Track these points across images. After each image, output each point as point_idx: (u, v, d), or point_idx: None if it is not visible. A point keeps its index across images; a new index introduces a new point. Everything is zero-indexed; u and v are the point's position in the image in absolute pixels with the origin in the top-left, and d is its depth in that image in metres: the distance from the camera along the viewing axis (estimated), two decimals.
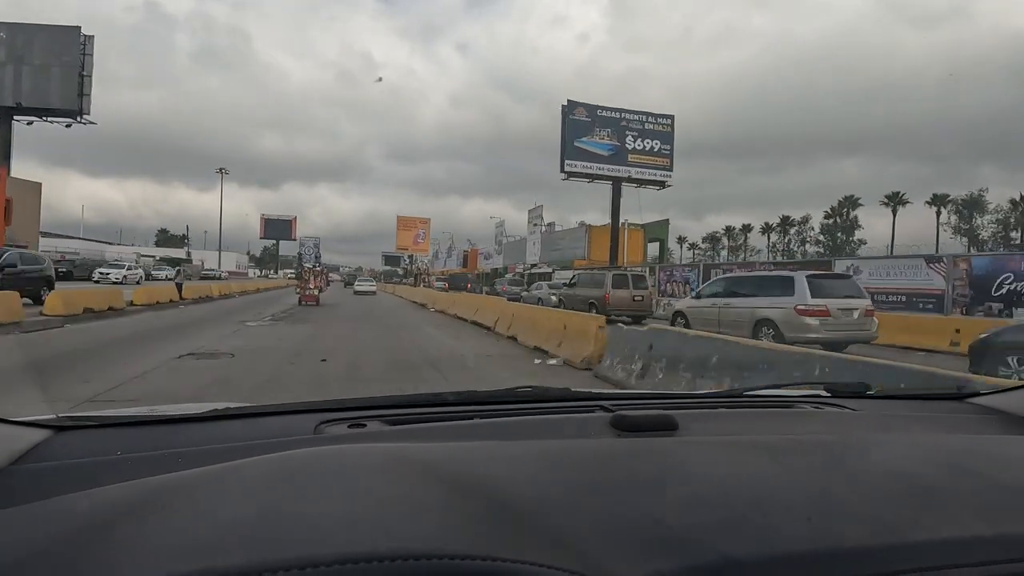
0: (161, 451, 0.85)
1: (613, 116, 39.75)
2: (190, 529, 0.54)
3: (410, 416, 1.09)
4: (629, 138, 39.72)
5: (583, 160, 38.87)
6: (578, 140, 38.99)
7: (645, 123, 40.22)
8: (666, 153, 40.31)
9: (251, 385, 6.34)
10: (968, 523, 0.60)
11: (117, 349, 9.00)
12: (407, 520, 0.55)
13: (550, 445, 0.85)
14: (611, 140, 39.50)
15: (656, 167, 40.01)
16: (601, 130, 39.43)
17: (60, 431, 0.90)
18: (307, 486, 0.63)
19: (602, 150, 39.27)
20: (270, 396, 5.52)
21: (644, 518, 0.59)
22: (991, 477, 0.73)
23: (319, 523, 0.53)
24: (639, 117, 40.17)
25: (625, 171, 39.35)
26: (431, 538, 0.52)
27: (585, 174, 39.27)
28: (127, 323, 13.16)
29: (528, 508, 0.59)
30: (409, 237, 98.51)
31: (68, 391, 5.44)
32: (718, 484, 0.70)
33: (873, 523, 0.59)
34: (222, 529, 0.54)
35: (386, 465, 0.70)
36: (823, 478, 0.74)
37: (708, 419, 1.15)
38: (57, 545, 0.52)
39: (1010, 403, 1.23)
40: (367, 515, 0.56)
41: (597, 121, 39.37)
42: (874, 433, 1.10)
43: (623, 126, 39.69)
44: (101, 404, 5.00)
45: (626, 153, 39.46)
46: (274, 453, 0.74)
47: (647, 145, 39.95)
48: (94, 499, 0.62)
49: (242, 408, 1.09)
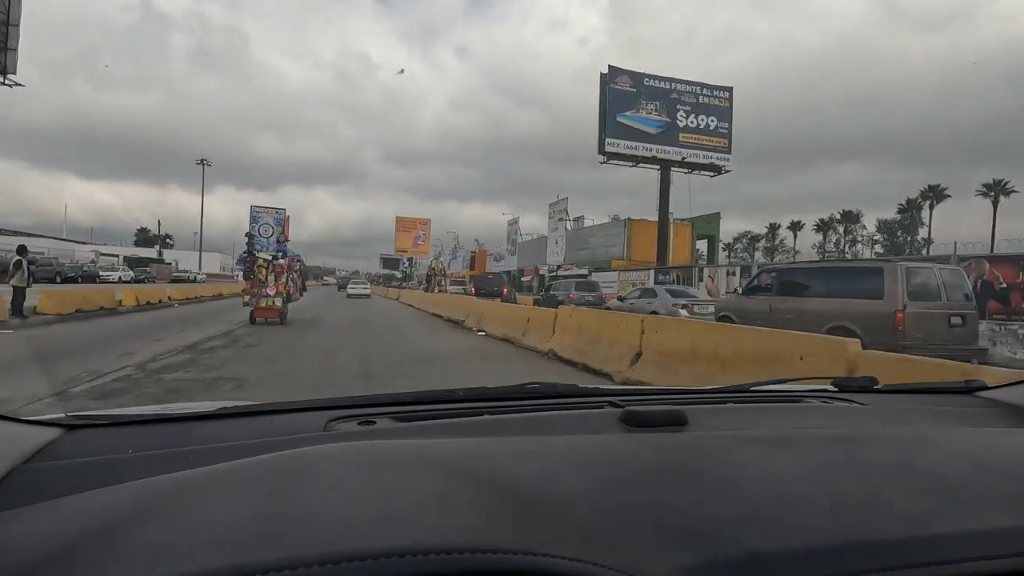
0: (172, 449, 0.85)
1: (662, 87, 33.08)
2: (209, 526, 0.54)
3: (420, 413, 1.08)
4: (681, 113, 33.05)
5: (627, 138, 32.15)
6: (621, 114, 32.28)
7: (700, 95, 33.57)
8: (724, 132, 33.67)
9: None
10: (990, 515, 0.60)
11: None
12: (434, 515, 0.55)
13: (563, 441, 0.85)
14: (660, 115, 32.83)
15: (712, 148, 33.35)
16: (648, 103, 32.74)
17: (70, 430, 0.91)
18: (326, 482, 0.63)
19: (650, 127, 32.57)
20: None
21: (666, 513, 0.59)
22: (1008, 470, 0.73)
23: (348, 518, 0.54)
24: (692, 89, 33.52)
25: (677, 153, 32.67)
26: (464, 532, 0.52)
27: (628, 156, 32.56)
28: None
29: (550, 503, 0.59)
30: (408, 239, 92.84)
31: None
32: (735, 478, 0.70)
33: (895, 515, 0.59)
34: (243, 526, 0.54)
35: (403, 461, 0.70)
36: (840, 471, 0.73)
37: (717, 414, 1.14)
38: (74, 544, 0.52)
39: (1017, 396, 1.23)
40: (395, 510, 0.56)
41: (643, 92, 32.68)
42: (885, 426, 1.09)
43: (674, 99, 33.04)
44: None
45: (677, 131, 32.81)
46: (287, 450, 0.74)
47: (702, 122, 33.30)
48: (110, 497, 0.62)
49: (252, 406, 1.08)
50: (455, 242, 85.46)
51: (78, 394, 5.50)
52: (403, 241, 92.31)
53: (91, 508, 0.60)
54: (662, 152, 32.29)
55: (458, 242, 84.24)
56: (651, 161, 32.59)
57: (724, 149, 33.45)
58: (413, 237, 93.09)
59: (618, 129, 31.98)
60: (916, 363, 4.16)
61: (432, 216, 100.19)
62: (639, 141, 32.19)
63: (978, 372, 3.47)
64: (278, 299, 13.81)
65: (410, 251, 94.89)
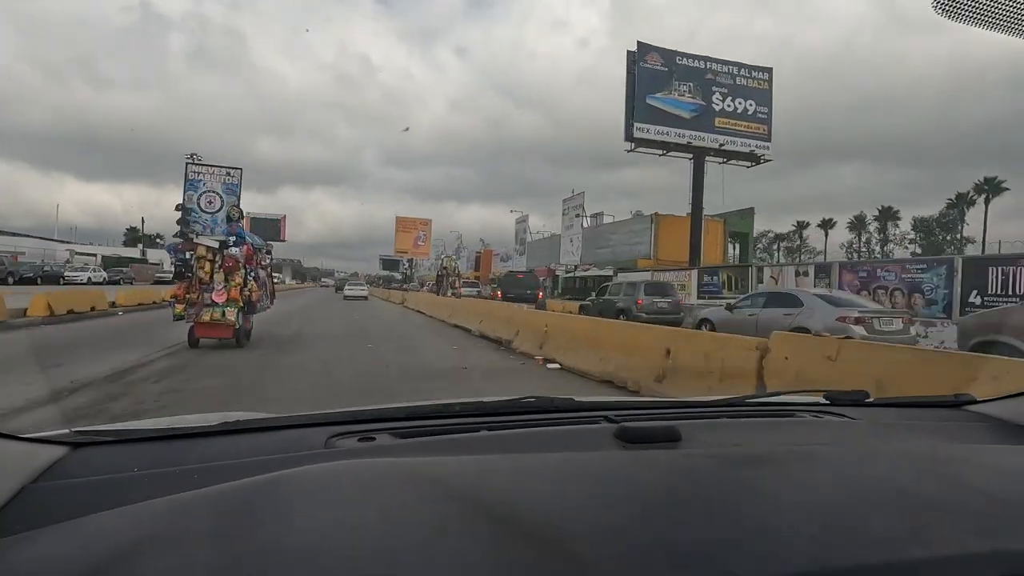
0: (176, 467, 0.86)
1: (697, 66, 29.78)
2: (216, 556, 0.55)
3: (419, 429, 1.11)
4: (716, 96, 29.74)
5: (657, 123, 28.82)
6: (651, 96, 28.95)
7: (736, 76, 30.27)
8: (763, 117, 30.38)
9: None
10: (966, 540, 0.61)
11: None
12: (435, 548, 0.56)
13: (558, 458, 0.87)
14: (694, 98, 29.52)
15: (750, 135, 30.03)
16: (681, 84, 29.43)
17: (76, 448, 0.92)
18: (328, 508, 0.65)
19: (683, 110, 29.25)
20: None
21: (656, 536, 0.60)
22: (989, 490, 0.74)
23: (349, 553, 0.55)
24: (729, 69, 30.23)
25: (712, 139, 29.37)
26: (465, 568, 0.53)
27: (659, 142, 29.21)
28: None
29: (542, 527, 0.60)
30: (409, 239, 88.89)
31: None
32: (724, 500, 0.72)
33: (875, 540, 0.61)
34: (250, 557, 0.54)
35: (403, 483, 0.72)
36: (826, 493, 0.75)
37: (711, 429, 1.17)
38: (87, 569, 0.53)
39: (1006, 411, 1.25)
40: (395, 543, 0.57)
41: (676, 72, 29.36)
42: (873, 443, 1.12)
43: (709, 80, 29.74)
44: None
45: (712, 115, 29.51)
46: (288, 469, 0.75)
47: (739, 106, 30.01)
48: (119, 520, 0.63)
49: (254, 421, 1.09)
50: (458, 242, 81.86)
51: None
52: (403, 242, 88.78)
53: (101, 531, 0.61)
54: (696, 139, 28.97)
55: (461, 242, 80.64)
56: (684, 149, 29.28)
57: (763, 136, 30.15)
58: (413, 238, 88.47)
59: (648, 113, 28.65)
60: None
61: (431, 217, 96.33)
62: (671, 126, 28.86)
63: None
64: (230, 309, 8.66)
65: (410, 252, 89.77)
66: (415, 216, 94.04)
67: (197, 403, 5.14)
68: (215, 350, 8.57)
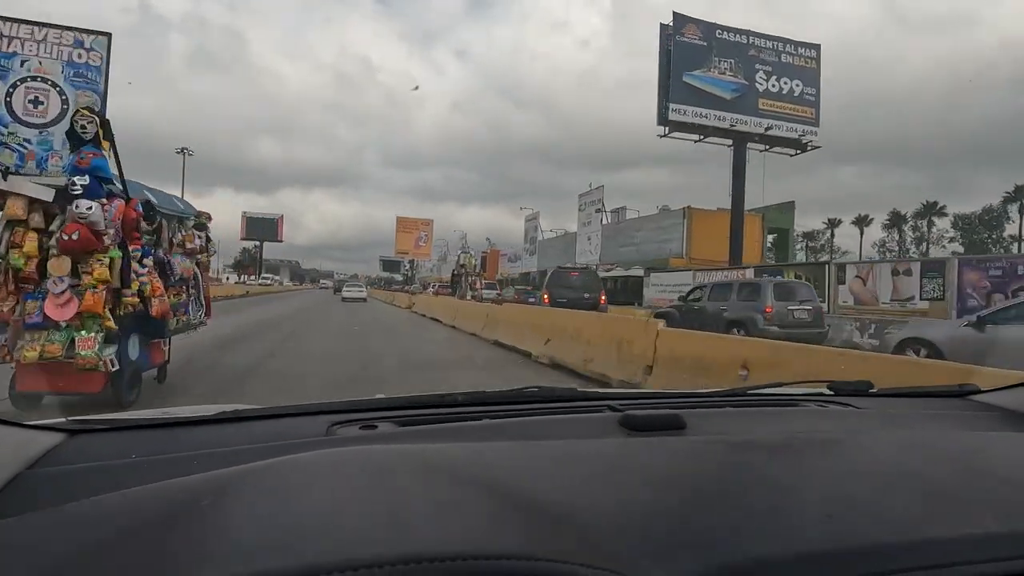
0: (175, 454, 0.85)
1: (739, 41, 26.66)
2: (221, 534, 0.54)
3: (421, 417, 1.09)
4: (760, 74, 26.61)
5: (695, 104, 25.69)
6: (688, 74, 25.81)
7: (782, 53, 27.14)
8: (810, 99, 27.25)
9: None
10: (982, 520, 0.61)
11: None
12: (441, 522, 0.56)
13: (563, 445, 0.86)
14: (736, 76, 26.37)
15: (797, 119, 26.88)
16: (722, 60, 26.27)
17: (73, 435, 0.90)
18: (333, 488, 0.64)
19: (723, 90, 26.12)
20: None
21: (665, 518, 0.60)
22: (1000, 474, 0.74)
23: (358, 525, 0.55)
24: (774, 45, 27.12)
25: (756, 123, 26.23)
26: (472, 539, 0.52)
27: (696, 126, 26.05)
28: None
29: (552, 509, 0.59)
30: (410, 240, 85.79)
31: None
32: (733, 483, 0.71)
33: (888, 520, 0.60)
34: (256, 533, 0.54)
35: (406, 466, 0.71)
36: (835, 476, 0.74)
37: (715, 418, 1.17)
38: (83, 551, 0.52)
39: (1010, 400, 1.26)
40: (402, 517, 0.56)
41: (716, 47, 26.24)
42: (881, 430, 1.11)
43: (752, 57, 26.62)
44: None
45: (756, 96, 26.39)
46: (292, 455, 0.74)
47: (784, 86, 26.88)
48: (116, 504, 0.63)
49: (253, 410, 1.08)
50: (463, 241, 78.74)
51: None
52: (404, 242, 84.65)
53: (97, 515, 0.60)
54: (738, 122, 25.84)
55: (466, 242, 77.55)
56: (723, 133, 26.13)
57: (811, 120, 27.03)
58: (414, 238, 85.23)
59: (685, 92, 25.52)
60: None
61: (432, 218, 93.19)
62: (710, 108, 25.73)
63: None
64: (85, 336, 4.00)
65: (411, 253, 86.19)
66: (416, 216, 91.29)
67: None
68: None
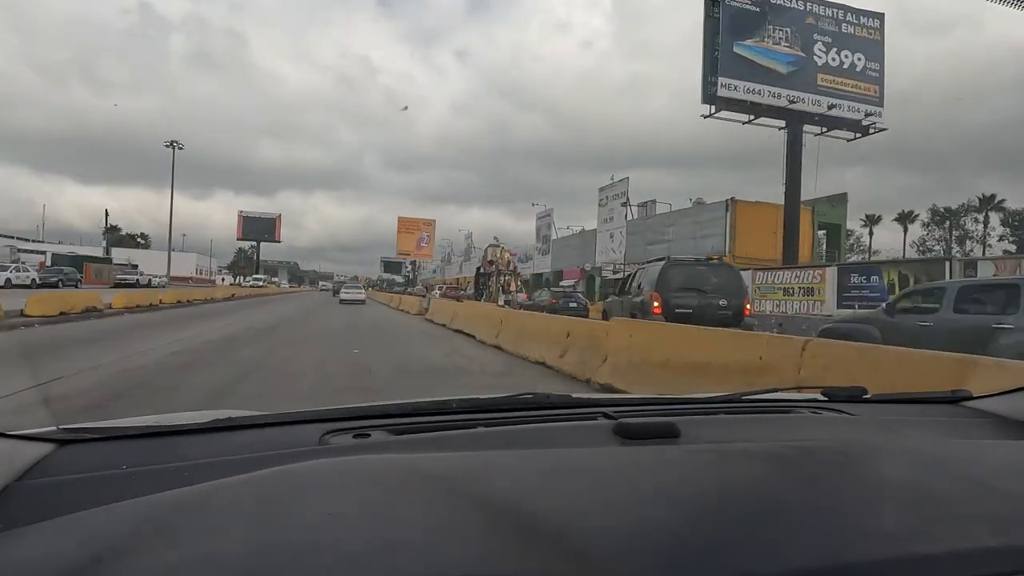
0: (166, 464, 0.84)
1: (795, 7, 23.27)
2: (207, 553, 0.54)
3: (415, 425, 1.08)
4: (819, 46, 23.31)
5: (746, 78, 22.34)
6: (740, 43, 22.44)
7: (842, 23, 23.81)
8: (874, 75, 23.92)
9: None
10: (976, 533, 0.60)
11: None
12: (433, 543, 0.55)
13: (557, 454, 0.86)
14: (792, 48, 23.03)
15: (859, 97, 23.53)
16: (777, 29, 22.92)
17: (63, 445, 0.89)
18: (323, 504, 0.63)
19: (779, 63, 22.80)
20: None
21: (660, 532, 0.59)
22: (993, 485, 0.74)
23: (346, 549, 0.54)
24: (833, 13, 23.82)
25: (814, 101, 22.90)
26: (465, 563, 0.52)
27: (747, 104, 22.71)
28: None
29: (545, 522, 0.59)
30: (411, 240, 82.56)
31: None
32: (728, 495, 0.71)
33: (881, 534, 0.60)
34: (243, 554, 0.53)
35: (399, 479, 0.70)
36: (830, 488, 0.74)
37: (709, 425, 1.15)
38: (74, 566, 0.52)
39: (1003, 406, 1.25)
40: (393, 539, 0.56)
41: (770, 13, 22.88)
42: (875, 438, 1.11)
43: (809, 25, 23.32)
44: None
45: (814, 70, 23.08)
46: (281, 466, 0.74)
47: (845, 59, 23.57)
48: (106, 518, 0.62)
49: (246, 418, 1.06)
50: (468, 241, 75.03)
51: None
52: (405, 243, 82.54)
53: (87, 529, 0.59)
54: (796, 99, 22.50)
55: (471, 241, 73.73)
56: (779, 113, 22.79)
57: (874, 99, 23.70)
58: (416, 239, 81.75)
59: (735, 64, 22.20)
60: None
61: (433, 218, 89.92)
62: (764, 83, 22.38)
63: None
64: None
65: (413, 254, 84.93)
66: (418, 217, 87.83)
67: None
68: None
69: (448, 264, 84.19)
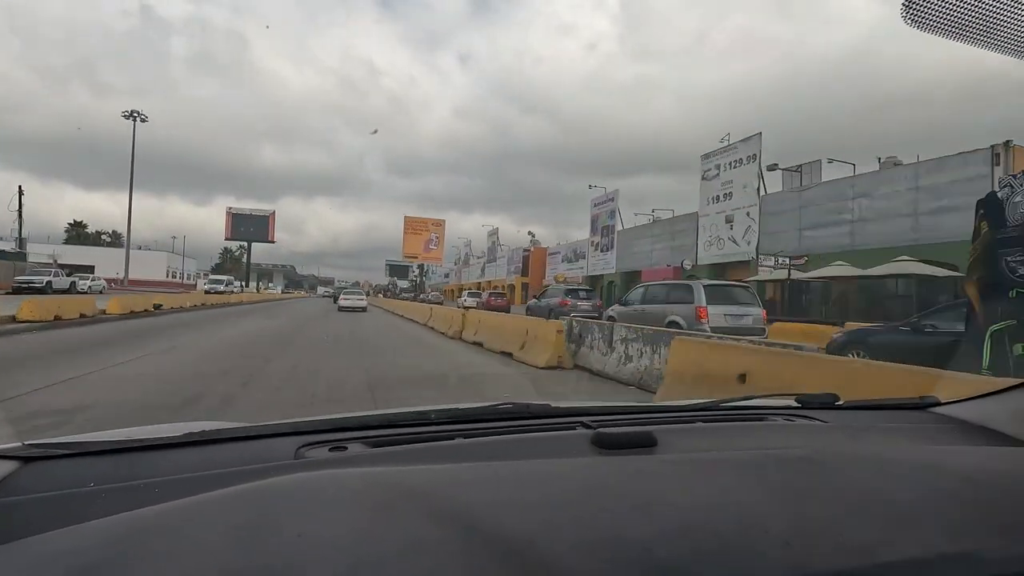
0: (136, 481, 0.82)
1: None
2: (174, 572, 0.53)
3: (392, 437, 1.07)
4: None
5: None
6: None
7: None
8: None
9: None
10: (934, 541, 0.63)
11: None
12: (407, 565, 0.55)
13: (534, 466, 0.85)
14: None
15: None
16: None
17: (27, 462, 0.86)
18: (295, 523, 0.62)
19: None
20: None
21: (632, 546, 0.60)
22: (954, 492, 0.76)
23: (316, 568, 0.54)
24: None
25: None
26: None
27: None
28: None
29: (519, 539, 0.59)
30: (419, 242, 71.80)
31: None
32: (700, 507, 0.71)
33: (846, 544, 0.62)
34: (210, 572, 0.53)
35: (374, 495, 0.70)
36: (798, 497, 0.75)
37: (685, 434, 1.17)
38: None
39: (969, 413, 1.28)
40: (367, 560, 0.56)
41: None
42: (844, 446, 1.14)
43: None
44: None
45: None
46: (254, 482, 0.73)
47: None
48: (69, 540, 0.60)
49: (219, 432, 1.04)
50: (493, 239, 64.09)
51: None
52: (412, 245, 71.53)
53: (50, 551, 0.58)
54: None
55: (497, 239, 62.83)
56: None
57: None
58: (424, 240, 72.06)
59: None
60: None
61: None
62: None
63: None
64: None
65: (420, 256, 72.81)
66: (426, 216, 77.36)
67: None
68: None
69: (466, 267, 73.52)
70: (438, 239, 73.23)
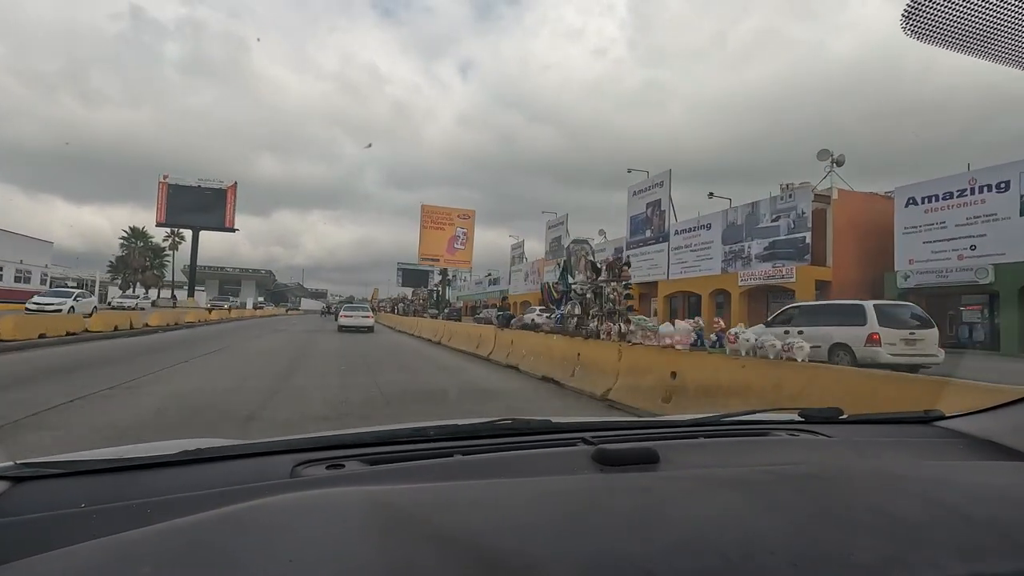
0: (129, 501, 0.81)
1: None
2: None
3: (390, 455, 1.05)
4: None
5: None
6: None
7: None
8: None
9: None
10: (943, 562, 0.61)
11: None
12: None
13: (534, 484, 0.85)
14: None
15: None
16: None
17: (19, 482, 0.85)
18: (290, 546, 0.61)
19: None
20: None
21: (633, 567, 0.59)
22: (964, 510, 0.75)
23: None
24: None
25: None
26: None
27: None
28: None
29: (515, 557, 0.59)
30: (441, 240, 51.91)
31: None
32: (703, 526, 0.71)
33: (853, 565, 0.61)
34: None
35: (369, 513, 0.69)
36: (803, 517, 0.74)
37: (688, 450, 1.15)
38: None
39: (973, 427, 1.26)
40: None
41: None
42: (848, 461, 1.12)
43: None
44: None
45: None
46: (248, 502, 0.72)
47: None
48: (62, 562, 0.59)
49: (215, 449, 1.02)
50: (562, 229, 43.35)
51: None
52: (432, 244, 51.52)
53: (40, 575, 0.57)
54: None
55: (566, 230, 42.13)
56: None
57: None
58: (448, 237, 51.98)
59: None
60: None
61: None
62: None
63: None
64: None
65: (444, 259, 52.24)
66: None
67: None
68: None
69: (539, 278, 38.59)
70: (467, 236, 52.55)
